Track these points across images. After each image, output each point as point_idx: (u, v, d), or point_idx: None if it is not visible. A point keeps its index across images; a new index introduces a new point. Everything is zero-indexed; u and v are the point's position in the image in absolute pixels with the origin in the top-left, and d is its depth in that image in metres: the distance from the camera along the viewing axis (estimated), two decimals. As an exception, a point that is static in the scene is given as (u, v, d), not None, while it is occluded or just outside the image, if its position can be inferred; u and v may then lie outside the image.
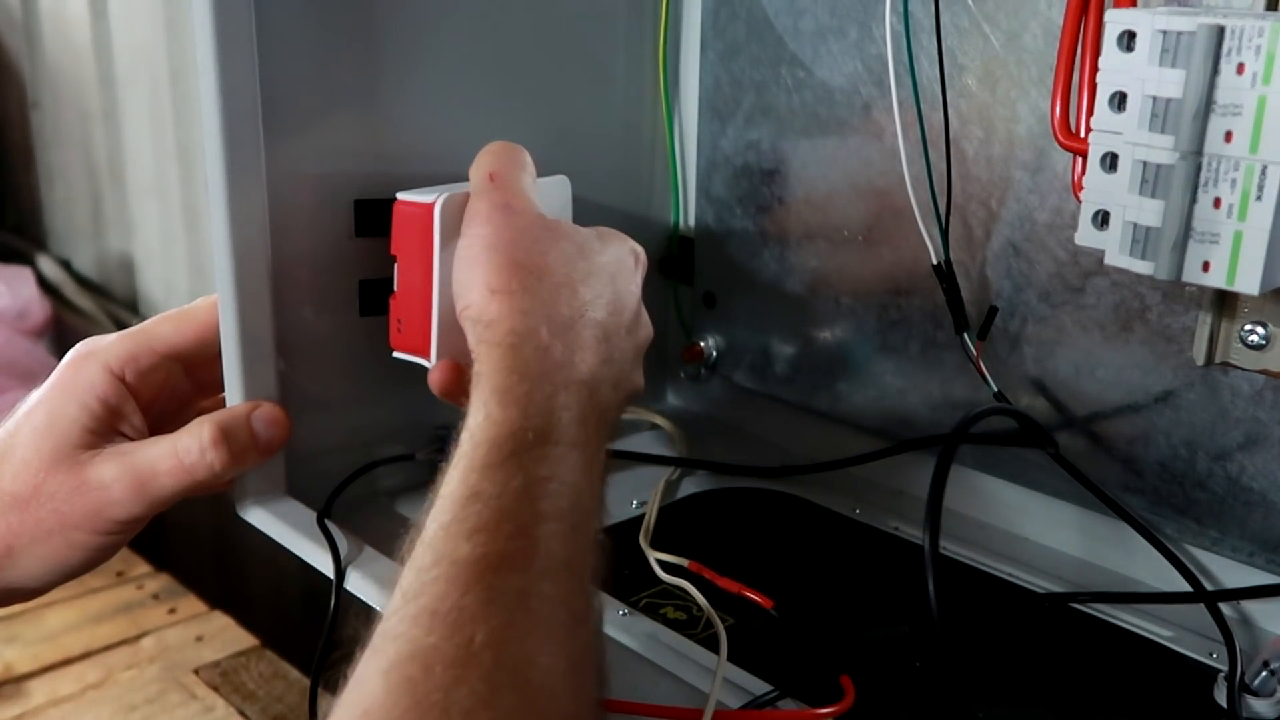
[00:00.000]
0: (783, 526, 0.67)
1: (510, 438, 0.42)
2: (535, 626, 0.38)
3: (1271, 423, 0.53)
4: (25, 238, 1.81)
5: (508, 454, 0.42)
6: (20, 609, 1.13)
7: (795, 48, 0.67)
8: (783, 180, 0.69)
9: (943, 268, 0.60)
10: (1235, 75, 0.43)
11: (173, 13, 1.34)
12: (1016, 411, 0.59)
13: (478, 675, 0.35)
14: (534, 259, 0.49)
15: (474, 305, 0.48)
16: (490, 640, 0.36)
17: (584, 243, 0.51)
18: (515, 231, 0.50)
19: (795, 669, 0.51)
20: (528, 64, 0.65)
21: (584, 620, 0.40)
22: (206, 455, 0.53)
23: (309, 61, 0.56)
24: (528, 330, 0.46)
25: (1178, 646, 0.54)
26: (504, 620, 0.37)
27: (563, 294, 0.48)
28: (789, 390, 0.73)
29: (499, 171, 0.52)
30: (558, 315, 0.47)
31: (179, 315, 0.58)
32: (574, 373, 0.46)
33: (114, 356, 0.55)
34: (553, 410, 0.44)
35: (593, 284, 0.49)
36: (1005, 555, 0.62)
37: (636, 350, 0.52)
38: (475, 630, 0.36)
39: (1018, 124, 0.58)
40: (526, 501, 0.41)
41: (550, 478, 0.42)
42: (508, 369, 0.45)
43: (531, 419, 0.43)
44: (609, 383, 0.48)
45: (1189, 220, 0.45)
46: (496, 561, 0.39)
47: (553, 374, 0.45)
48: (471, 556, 0.38)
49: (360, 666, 0.37)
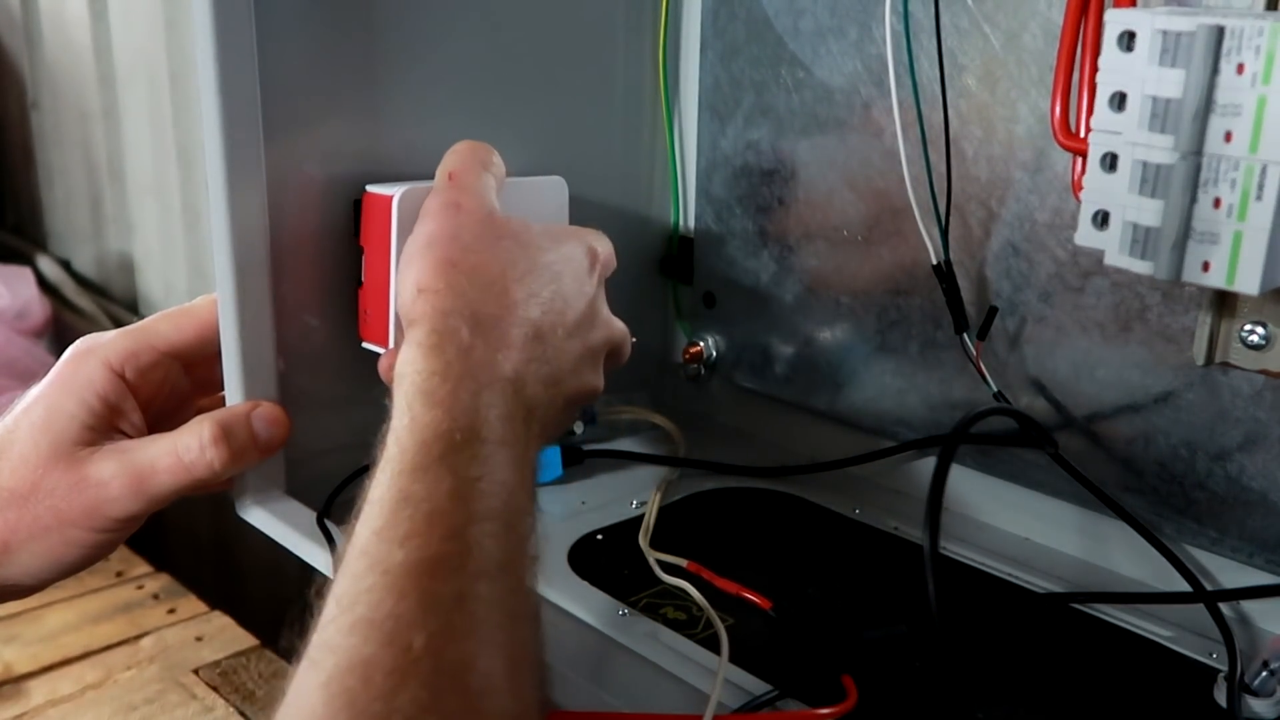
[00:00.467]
0: (783, 526, 0.67)
1: (437, 440, 0.42)
2: (473, 629, 0.37)
3: (1271, 423, 0.53)
4: (25, 238, 1.81)
5: (436, 456, 0.42)
6: (20, 609, 1.13)
7: (795, 48, 0.67)
8: (782, 180, 0.69)
9: (943, 268, 0.60)
10: (1235, 75, 0.43)
11: (173, 13, 1.34)
12: (1016, 411, 0.59)
13: (418, 682, 0.35)
14: (468, 258, 0.49)
15: (404, 304, 0.49)
16: (429, 646, 0.36)
17: (530, 240, 0.51)
18: (455, 229, 0.50)
19: (795, 669, 0.51)
20: (527, 64, 0.65)
21: (522, 619, 0.40)
22: (206, 453, 0.53)
23: (309, 61, 0.56)
24: (449, 330, 0.46)
25: (1178, 646, 0.54)
26: (441, 625, 0.37)
27: (492, 293, 0.48)
28: (789, 390, 0.73)
29: (458, 170, 0.53)
30: (483, 314, 0.47)
31: (179, 313, 0.58)
32: (497, 371, 0.46)
33: (114, 353, 0.55)
34: (477, 409, 0.44)
35: (530, 282, 0.49)
36: (1005, 555, 0.62)
37: (586, 350, 0.52)
38: (413, 637, 0.36)
39: (1018, 124, 0.58)
40: (458, 503, 0.41)
41: (480, 477, 0.42)
42: (429, 371, 0.44)
43: (457, 419, 0.43)
44: (539, 381, 0.48)
45: (1189, 220, 0.45)
46: (430, 566, 0.38)
47: (476, 373, 0.45)
48: (405, 562, 0.38)
49: (298, 680, 0.36)
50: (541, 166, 0.64)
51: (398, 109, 0.60)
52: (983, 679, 0.52)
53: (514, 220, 0.52)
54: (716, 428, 0.78)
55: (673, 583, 0.58)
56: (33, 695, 1.02)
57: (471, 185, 0.52)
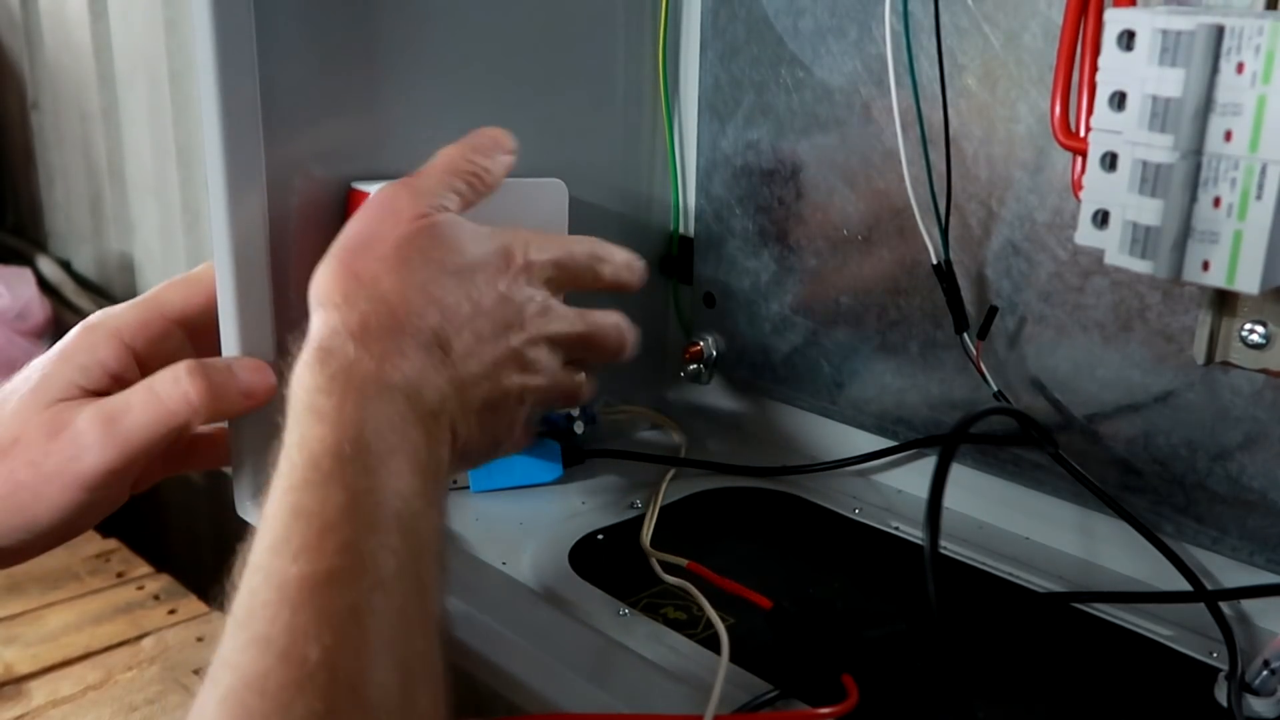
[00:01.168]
0: (783, 526, 0.67)
1: (325, 454, 0.42)
2: (367, 642, 0.38)
3: (1271, 422, 0.53)
4: (25, 238, 1.81)
5: (325, 471, 0.42)
6: (21, 610, 1.13)
7: (795, 47, 0.67)
8: (782, 180, 0.69)
9: (943, 267, 0.60)
10: (1235, 74, 0.43)
11: (173, 13, 1.34)
12: (1016, 411, 0.59)
13: (314, 694, 0.35)
14: (372, 266, 0.48)
15: (310, 304, 0.49)
16: (324, 660, 0.36)
17: (448, 244, 0.50)
18: (372, 235, 0.50)
19: (795, 669, 0.51)
20: (527, 64, 0.65)
21: (420, 628, 0.40)
22: (181, 384, 0.52)
23: (309, 61, 0.56)
24: (335, 347, 0.46)
25: (1178, 646, 0.54)
26: (336, 639, 0.37)
27: (387, 304, 0.48)
28: (789, 390, 0.73)
29: (424, 170, 0.53)
30: (373, 327, 0.47)
31: (186, 281, 0.58)
32: (385, 381, 0.45)
33: (125, 325, 0.55)
34: (365, 420, 0.44)
35: (432, 289, 0.49)
36: (1005, 555, 0.62)
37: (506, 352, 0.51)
38: (308, 650, 0.36)
39: (1017, 124, 0.58)
40: (349, 516, 0.41)
41: (371, 489, 0.42)
42: (314, 387, 0.45)
43: (344, 432, 0.43)
44: (440, 387, 0.47)
45: (1189, 219, 0.45)
46: (324, 580, 0.38)
47: (362, 386, 0.45)
48: (299, 577, 0.38)
49: (198, 699, 0.36)
50: (541, 167, 0.63)
51: (397, 109, 0.60)
52: (983, 678, 0.52)
53: (441, 224, 0.51)
54: (716, 428, 0.78)
55: (673, 582, 0.58)
56: (34, 696, 1.02)
57: (419, 185, 0.52)
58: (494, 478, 0.67)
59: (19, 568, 0.55)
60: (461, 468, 0.58)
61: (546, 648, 0.51)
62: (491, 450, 0.53)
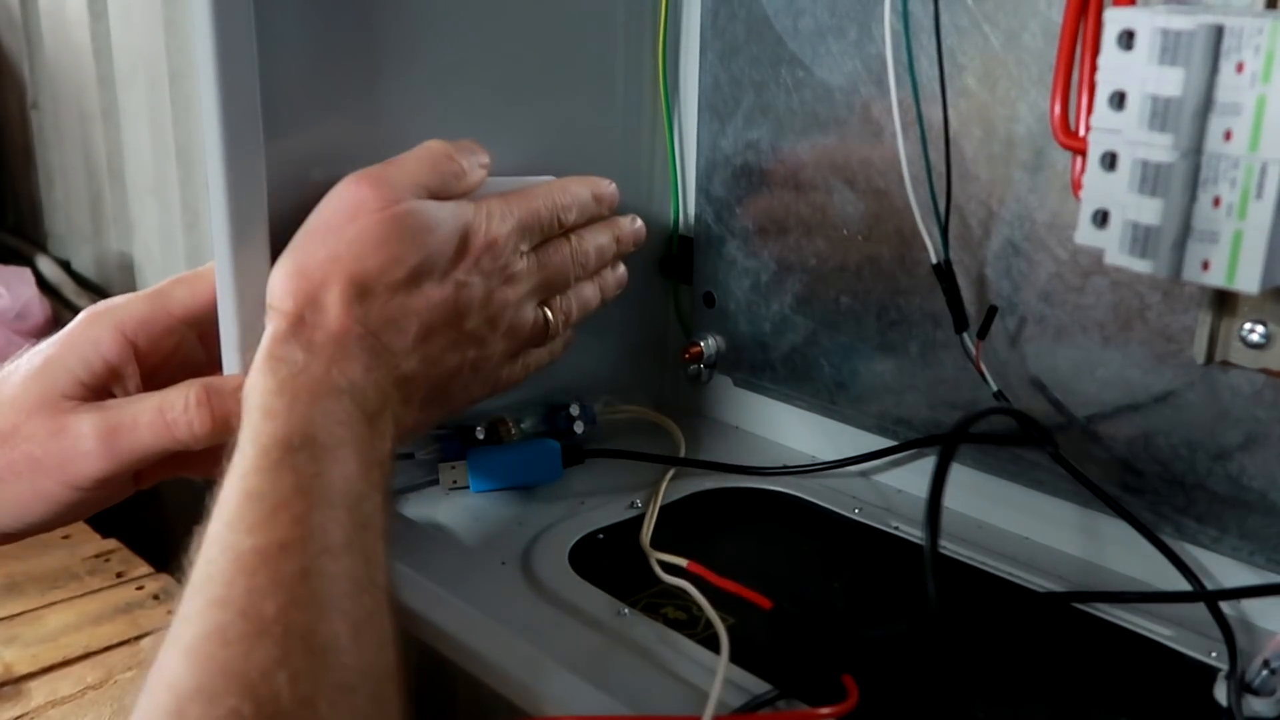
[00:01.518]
0: (783, 526, 0.67)
1: (276, 445, 0.46)
2: (317, 599, 0.41)
3: (1271, 422, 0.53)
4: (25, 238, 1.81)
5: (275, 459, 0.45)
6: (20, 610, 1.13)
7: (794, 47, 0.67)
8: (782, 180, 0.69)
9: (943, 267, 0.60)
10: (1235, 74, 0.43)
11: (173, 13, 1.33)
12: (1016, 411, 0.59)
13: (271, 641, 0.39)
14: (322, 266, 0.51)
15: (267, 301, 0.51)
16: (278, 614, 0.40)
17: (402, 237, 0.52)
18: (323, 228, 0.52)
19: (795, 669, 0.51)
20: (527, 64, 0.65)
21: (368, 587, 0.44)
22: (189, 413, 0.52)
23: (309, 61, 0.56)
24: (285, 355, 0.49)
25: (1178, 646, 0.54)
26: (289, 597, 0.41)
27: (333, 313, 0.50)
28: (789, 390, 0.73)
29: (397, 159, 0.54)
30: (318, 337, 0.50)
31: (192, 278, 0.58)
32: (331, 384, 0.49)
33: (128, 318, 0.56)
34: (313, 418, 0.47)
35: (380, 292, 0.51)
36: (1005, 555, 0.62)
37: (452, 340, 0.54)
38: (264, 606, 0.40)
39: (1017, 123, 0.58)
40: (298, 495, 0.44)
41: (319, 473, 0.45)
42: (266, 389, 0.48)
43: (294, 427, 0.46)
44: (380, 388, 0.50)
45: (1188, 219, 0.45)
46: (277, 548, 0.42)
47: (312, 388, 0.48)
48: (254, 547, 0.42)
49: (161, 653, 0.40)
50: (541, 166, 0.64)
51: (397, 109, 0.60)
52: (983, 678, 0.52)
53: (401, 215, 0.52)
54: (716, 427, 0.78)
55: (673, 582, 0.58)
56: (33, 696, 1.02)
57: (385, 175, 0.53)
58: (494, 478, 0.67)
59: (19, 568, 0.56)
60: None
61: (546, 648, 0.51)
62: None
